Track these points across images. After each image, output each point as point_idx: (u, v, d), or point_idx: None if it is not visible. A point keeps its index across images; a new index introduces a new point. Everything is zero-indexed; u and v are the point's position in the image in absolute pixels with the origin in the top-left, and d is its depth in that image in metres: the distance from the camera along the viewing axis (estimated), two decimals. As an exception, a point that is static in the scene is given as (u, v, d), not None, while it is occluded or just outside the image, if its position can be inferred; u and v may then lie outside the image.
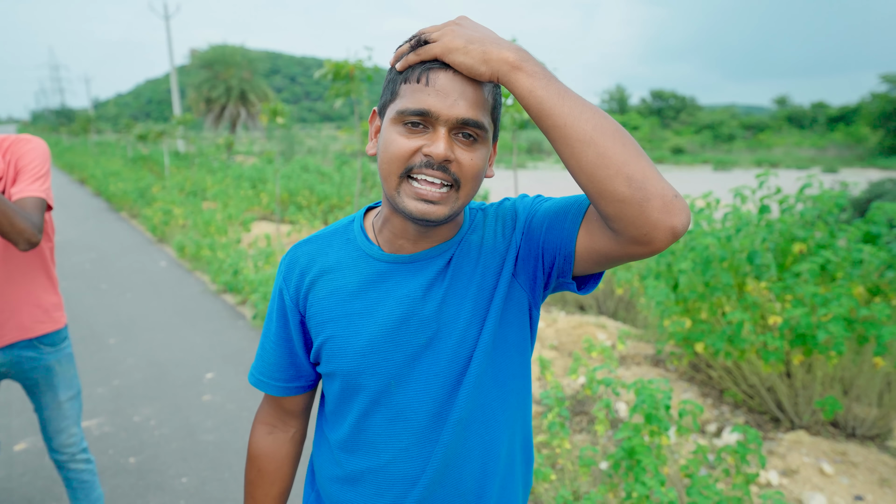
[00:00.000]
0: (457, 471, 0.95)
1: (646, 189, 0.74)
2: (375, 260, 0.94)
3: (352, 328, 0.93)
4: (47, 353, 1.91)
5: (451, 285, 0.93)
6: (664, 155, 43.31)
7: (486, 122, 0.83)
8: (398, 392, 0.93)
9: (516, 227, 0.95)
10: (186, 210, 8.78)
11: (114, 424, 3.26)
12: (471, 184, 0.84)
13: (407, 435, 0.94)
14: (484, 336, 0.92)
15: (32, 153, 1.73)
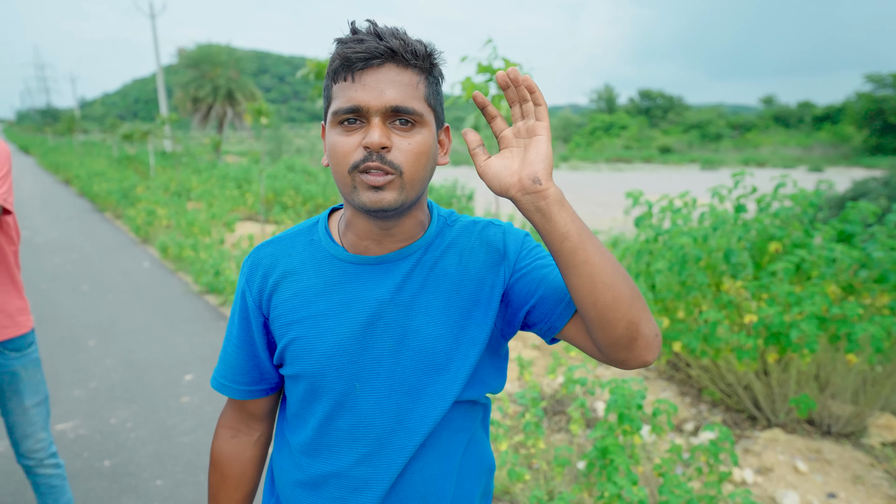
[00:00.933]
0: (418, 476, 0.96)
1: (638, 331, 0.83)
2: (340, 261, 0.94)
3: (317, 329, 0.93)
4: (13, 359, 1.89)
5: (421, 292, 0.92)
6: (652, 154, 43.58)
7: (420, 108, 0.84)
8: (362, 396, 0.93)
9: (505, 266, 0.94)
10: (170, 210, 8.71)
11: (89, 427, 3.22)
12: (413, 168, 0.84)
13: (369, 440, 0.94)
14: (452, 350, 0.92)
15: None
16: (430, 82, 0.87)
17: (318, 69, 6.21)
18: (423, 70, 0.85)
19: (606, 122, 55.53)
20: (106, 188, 10.85)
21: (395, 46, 0.82)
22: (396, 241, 0.93)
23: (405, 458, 0.94)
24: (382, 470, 0.95)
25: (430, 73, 0.87)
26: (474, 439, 1.03)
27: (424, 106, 0.85)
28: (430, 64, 0.86)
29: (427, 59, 0.86)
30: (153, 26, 27.89)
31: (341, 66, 0.83)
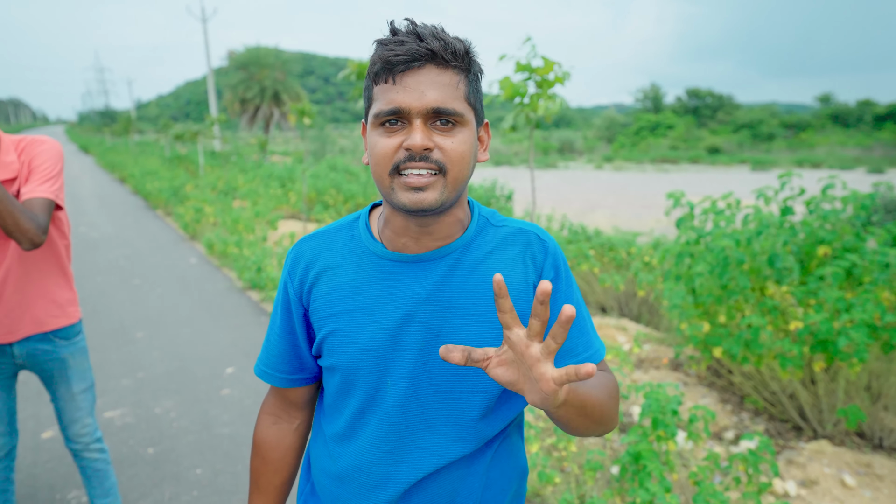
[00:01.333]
0: (445, 477, 0.96)
1: (607, 430, 0.95)
2: (378, 257, 0.95)
3: (354, 324, 0.94)
4: (61, 347, 1.99)
5: (459, 294, 0.92)
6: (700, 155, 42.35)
7: (461, 108, 0.85)
8: (390, 394, 0.94)
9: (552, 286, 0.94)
10: (217, 208, 8.99)
11: (135, 415, 3.36)
12: (457, 167, 0.85)
13: (393, 438, 0.95)
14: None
15: (45, 154, 1.80)
16: (470, 80, 0.87)
17: (360, 70, 6.30)
18: (462, 69, 0.85)
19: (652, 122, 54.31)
20: (157, 186, 11.29)
21: (435, 47, 0.82)
22: (434, 240, 0.92)
23: (430, 460, 0.94)
24: (404, 470, 0.95)
25: (469, 71, 0.87)
26: (507, 442, 1.03)
27: (465, 105, 0.86)
28: (469, 62, 0.86)
29: (466, 58, 0.86)
30: (204, 30, 28.84)
31: (382, 69, 0.83)
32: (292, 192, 10.25)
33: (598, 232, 6.01)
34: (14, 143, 1.80)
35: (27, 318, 1.89)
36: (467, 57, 0.86)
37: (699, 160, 41.13)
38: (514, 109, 4.01)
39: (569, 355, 0.96)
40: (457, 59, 0.84)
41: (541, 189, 20.16)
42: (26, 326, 1.90)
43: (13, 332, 1.88)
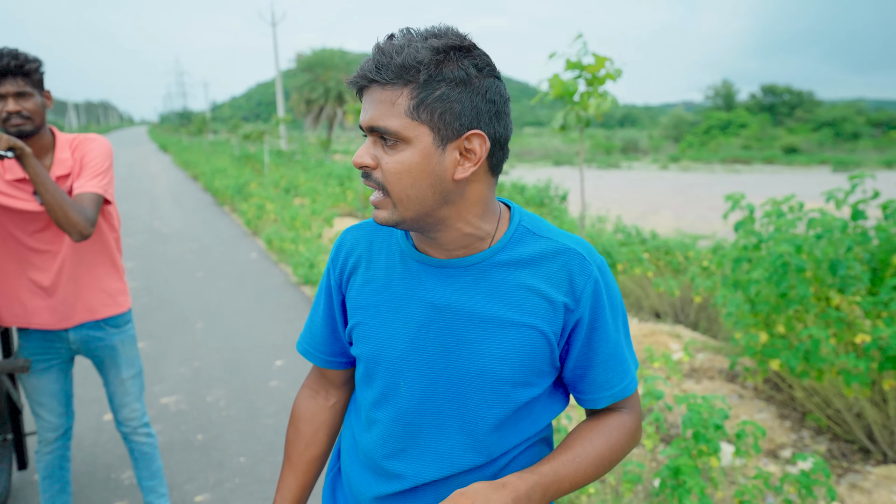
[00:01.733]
0: (450, 484, 0.96)
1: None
2: (409, 257, 0.96)
3: (377, 319, 0.96)
4: (112, 334, 2.10)
5: (481, 306, 0.91)
6: (775, 155, 40.14)
7: (395, 125, 0.80)
8: (404, 394, 0.94)
9: (568, 317, 0.91)
10: (278, 205, 9.30)
11: (188, 402, 3.52)
12: (396, 186, 0.83)
13: (405, 438, 0.96)
14: (505, 372, 0.91)
15: (95, 151, 1.90)
16: (421, 91, 0.80)
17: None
18: (407, 81, 0.80)
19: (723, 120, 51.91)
20: (224, 184, 11.81)
21: (370, 68, 0.81)
22: (448, 251, 0.91)
23: (441, 465, 0.94)
24: (413, 470, 0.95)
25: (417, 82, 0.80)
26: (528, 454, 1.00)
27: (405, 121, 0.80)
28: (416, 74, 0.79)
29: (411, 70, 0.79)
30: (273, 34, 29.93)
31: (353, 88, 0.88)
32: (350, 191, 10.47)
33: (655, 234, 5.79)
34: (68, 141, 1.91)
35: (80, 307, 2.01)
36: (409, 70, 0.79)
37: (774, 160, 38.97)
38: (563, 108, 3.92)
39: (604, 387, 0.96)
40: (391, 74, 0.79)
41: (602, 189, 19.68)
42: (80, 314, 2.01)
43: (68, 318, 2.00)
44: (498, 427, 0.94)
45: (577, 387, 0.98)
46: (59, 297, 1.96)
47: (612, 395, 0.96)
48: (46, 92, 1.87)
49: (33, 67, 1.80)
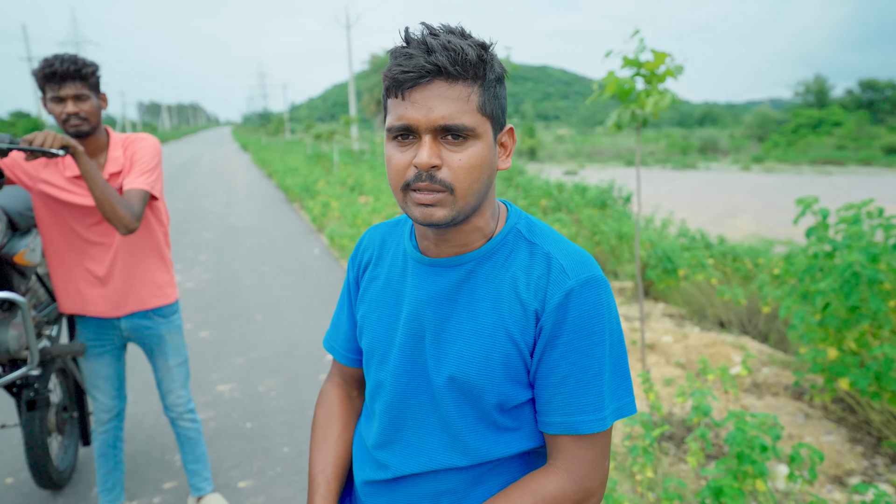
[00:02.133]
0: (431, 480, 0.97)
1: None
2: (409, 256, 0.98)
3: (374, 315, 0.99)
4: (159, 323, 2.21)
5: (462, 306, 0.92)
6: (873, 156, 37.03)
7: (471, 122, 0.82)
8: (391, 388, 0.97)
9: (543, 331, 0.87)
10: (342, 203, 9.54)
11: (242, 391, 3.67)
12: (465, 183, 0.83)
13: (391, 430, 0.98)
14: (479, 374, 0.90)
15: (144, 150, 2.01)
16: (486, 87, 0.83)
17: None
18: (476, 78, 0.82)
19: (814, 119, 48.46)
20: (294, 181, 12.25)
21: (442, 62, 0.79)
22: (451, 247, 0.93)
23: (421, 460, 0.95)
24: (396, 462, 0.97)
25: (484, 79, 0.83)
26: (522, 463, 0.98)
27: (477, 118, 0.83)
28: (484, 70, 0.83)
29: (480, 66, 0.82)
30: (347, 36, 30.77)
31: (392, 85, 0.83)
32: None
33: (722, 239, 5.47)
34: (121, 140, 2.03)
35: (131, 297, 2.13)
36: (482, 65, 0.82)
37: (872, 162, 35.97)
38: (618, 107, 3.78)
39: (556, 412, 0.87)
40: (467, 71, 0.81)
41: (676, 191, 18.89)
42: (130, 304, 2.13)
43: (120, 307, 2.12)
44: (475, 431, 0.93)
45: (537, 404, 0.91)
46: (112, 286, 2.09)
47: (562, 425, 0.87)
48: (102, 94, 2.00)
49: (90, 71, 1.92)
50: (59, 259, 2.06)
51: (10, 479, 2.79)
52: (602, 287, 0.88)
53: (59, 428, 2.67)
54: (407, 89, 0.81)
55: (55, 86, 1.87)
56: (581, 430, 0.86)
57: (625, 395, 0.90)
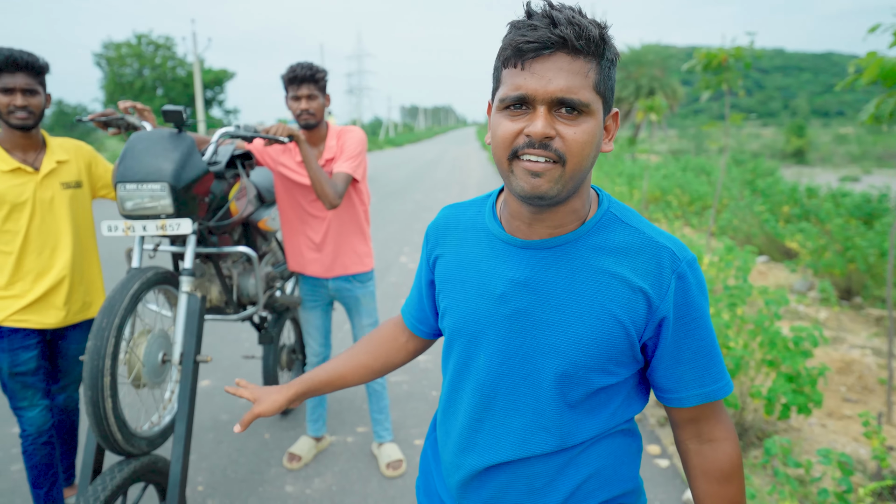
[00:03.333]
0: (522, 467, 0.96)
1: None
2: (494, 236, 0.98)
3: (461, 295, 0.99)
4: (357, 287, 2.61)
5: (561, 286, 0.91)
6: None
7: (588, 97, 0.82)
8: (484, 367, 0.97)
9: (652, 313, 0.90)
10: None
11: (434, 363, 4.04)
12: (577, 158, 0.83)
13: (482, 409, 0.98)
14: (579, 356, 0.90)
15: (351, 140, 2.39)
16: (603, 67, 0.84)
17: (708, 59, 5.82)
18: (595, 56, 0.82)
19: None
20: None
21: (568, 34, 0.79)
22: (546, 227, 0.91)
23: (513, 440, 0.95)
24: (486, 444, 0.98)
25: (602, 58, 0.83)
26: (605, 447, 0.98)
27: (593, 95, 0.83)
28: (603, 48, 0.83)
29: (601, 44, 0.82)
30: (591, 34, 30.30)
31: (513, 54, 0.83)
32: (636, 190, 10.11)
33: None
34: (336, 132, 2.45)
35: (338, 263, 2.55)
36: (602, 43, 0.82)
37: None
38: (879, 94, 3.15)
39: (693, 385, 0.93)
40: (590, 46, 0.81)
41: None
42: (337, 268, 2.56)
43: (329, 270, 2.57)
44: (571, 410, 0.93)
45: (663, 384, 0.95)
46: (325, 252, 2.54)
47: (702, 395, 0.93)
48: (327, 95, 2.43)
49: (321, 76, 2.36)
50: (288, 227, 2.57)
51: (255, 401, 3.55)
52: (698, 265, 0.93)
53: (288, 366, 3.31)
54: (528, 59, 0.81)
55: (294, 87, 2.35)
56: (720, 395, 0.94)
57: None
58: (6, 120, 1.95)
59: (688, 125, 45.18)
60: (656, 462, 2.87)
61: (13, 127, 1.97)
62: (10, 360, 2.03)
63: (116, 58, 36.74)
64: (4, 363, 2.04)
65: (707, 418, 0.96)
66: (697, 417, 0.96)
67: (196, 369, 1.96)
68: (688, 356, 0.91)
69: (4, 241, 1.99)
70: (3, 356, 2.03)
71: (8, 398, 2.10)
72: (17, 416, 2.11)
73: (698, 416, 0.96)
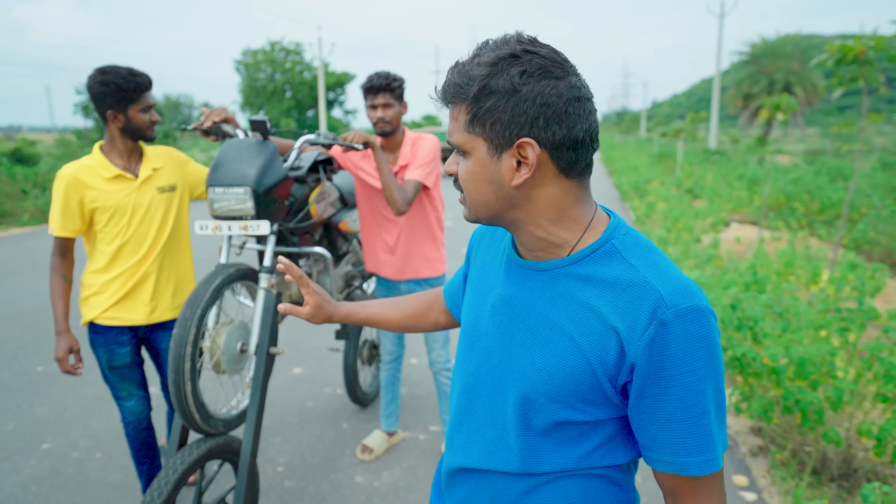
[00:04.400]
0: (485, 480, 0.98)
1: None
2: (506, 251, 1.02)
3: (475, 298, 1.04)
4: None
5: (538, 310, 0.91)
6: None
7: (460, 139, 0.89)
8: (470, 369, 1.00)
9: (637, 365, 0.82)
10: (670, 205, 9.08)
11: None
12: (468, 190, 0.91)
13: (464, 410, 1.01)
14: (537, 377, 0.89)
15: (424, 147, 2.44)
16: (473, 105, 0.84)
17: (843, 52, 5.23)
18: (461, 99, 0.86)
19: None
20: (627, 180, 12.15)
21: (442, 91, 0.89)
22: (530, 251, 0.93)
23: (480, 449, 0.97)
24: (460, 444, 1.01)
25: (468, 98, 0.85)
26: (578, 483, 0.93)
27: (465, 135, 0.88)
28: (468, 90, 0.84)
29: (466, 88, 0.84)
30: (720, 26, 28.36)
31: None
32: (757, 195, 9.31)
33: None
34: (411, 139, 2.51)
35: (409, 266, 2.63)
36: (461, 88, 0.85)
37: None
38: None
39: (664, 450, 0.84)
40: (451, 96, 0.87)
41: None
42: (408, 272, 2.63)
43: (401, 273, 2.64)
44: (536, 436, 0.91)
45: (638, 437, 0.88)
46: (397, 255, 2.62)
47: (672, 465, 0.84)
48: (404, 103, 2.50)
49: (396, 84, 2.43)
50: (366, 229, 2.68)
51: (340, 391, 3.74)
52: (706, 318, 0.80)
53: (368, 360, 3.45)
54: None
55: (371, 96, 2.45)
56: (693, 472, 0.83)
57: (725, 429, 0.86)
58: (145, 134, 2.18)
59: (830, 123, 40.76)
60: (741, 494, 2.66)
61: (148, 140, 2.21)
62: (108, 356, 2.26)
63: (253, 63, 40.10)
64: (103, 358, 2.27)
65: (686, 495, 0.87)
66: (675, 490, 0.88)
67: (270, 360, 2.11)
68: (663, 416, 0.82)
69: (104, 241, 2.20)
70: (101, 351, 2.26)
71: (109, 388, 2.36)
72: (118, 405, 2.36)
73: (676, 490, 0.87)
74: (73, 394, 3.70)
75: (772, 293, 3.63)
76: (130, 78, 2.11)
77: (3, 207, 10.44)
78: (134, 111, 2.15)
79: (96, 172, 2.17)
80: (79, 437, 3.18)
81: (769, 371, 2.71)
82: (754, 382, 2.92)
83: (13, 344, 4.58)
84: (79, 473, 2.85)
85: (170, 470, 1.85)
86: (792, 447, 2.84)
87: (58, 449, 3.07)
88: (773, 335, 3.02)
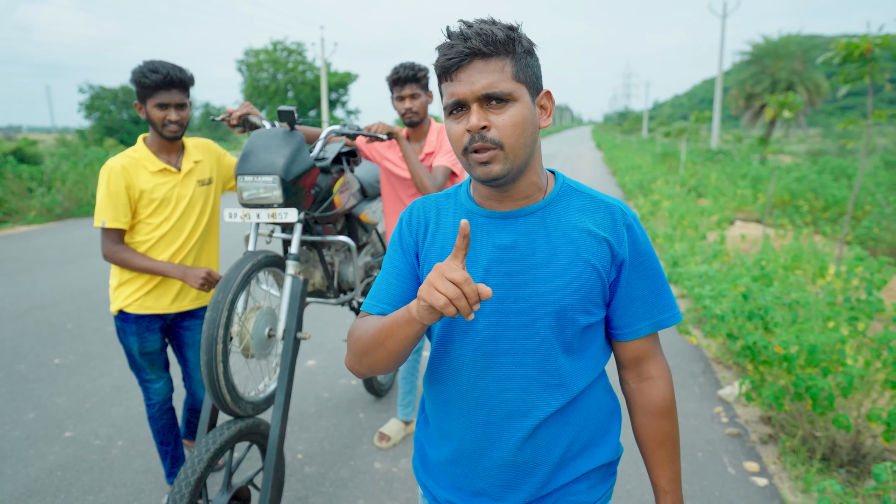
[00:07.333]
0: (530, 418, 1.05)
1: None
2: (474, 213, 1.09)
3: None
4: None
5: (543, 245, 1.05)
6: None
7: (508, 87, 0.97)
8: (482, 328, 1.05)
9: (624, 258, 1.06)
10: (675, 203, 9.13)
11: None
12: (511, 139, 0.98)
13: (486, 367, 1.06)
14: (566, 300, 1.03)
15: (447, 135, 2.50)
16: (518, 59, 0.99)
17: (849, 50, 5.28)
18: (506, 53, 0.98)
19: None
20: (630, 179, 12.20)
21: (476, 45, 0.95)
22: (515, 201, 1.07)
23: (518, 390, 1.06)
24: (495, 396, 1.06)
25: (514, 53, 0.99)
26: (595, 389, 1.12)
27: (513, 84, 0.98)
28: (513, 46, 0.98)
29: (510, 43, 0.98)
30: (722, 26, 28.40)
31: (442, 72, 1.01)
32: (761, 194, 9.35)
33: None
34: (437, 128, 2.58)
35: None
36: (510, 42, 0.98)
37: None
38: None
39: (645, 317, 1.08)
40: (498, 48, 0.96)
41: None
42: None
43: (421, 263, 2.70)
44: (566, 350, 1.05)
45: (620, 321, 1.09)
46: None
47: (652, 324, 1.09)
48: (430, 92, 2.56)
49: (422, 74, 2.49)
50: (390, 219, 2.74)
51: (354, 382, 3.79)
52: (638, 219, 1.17)
53: (384, 351, 3.50)
54: (454, 72, 0.98)
55: (398, 88, 2.51)
56: (668, 323, 1.10)
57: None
58: (160, 131, 2.18)
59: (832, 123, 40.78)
60: (753, 480, 2.71)
61: (165, 138, 2.21)
62: (140, 343, 2.31)
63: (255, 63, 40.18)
64: (134, 345, 2.32)
65: (647, 358, 1.13)
66: (640, 357, 1.12)
67: (296, 345, 2.17)
68: (639, 293, 1.08)
69: (142, 232, 2.24)
70: (133, 339, 2.31)
71: (136, 372, 2.40)
72: (143, 388, 2.41)
73: (641, 356, 1.12)
74: (92, 384, 3.76)
75: (779, 286, 3.68)
76: (147, 72, 2.13)
77: (10, 205, 10.51)
78: (150, 105, 2.16)
79: (142, 165, 2.22)
80: (99, 425, 3.24)
81: (781, 359, 2.76)
82: (765, 371, 2.97)
83: (29, 338, 4.64)
84: (102, 460, 2.91)
85: (203, 448, 1.90)
86: (802, 434, 2.89)
87: (80, 437, 3.13)
88: (783, 324, 3.07)
